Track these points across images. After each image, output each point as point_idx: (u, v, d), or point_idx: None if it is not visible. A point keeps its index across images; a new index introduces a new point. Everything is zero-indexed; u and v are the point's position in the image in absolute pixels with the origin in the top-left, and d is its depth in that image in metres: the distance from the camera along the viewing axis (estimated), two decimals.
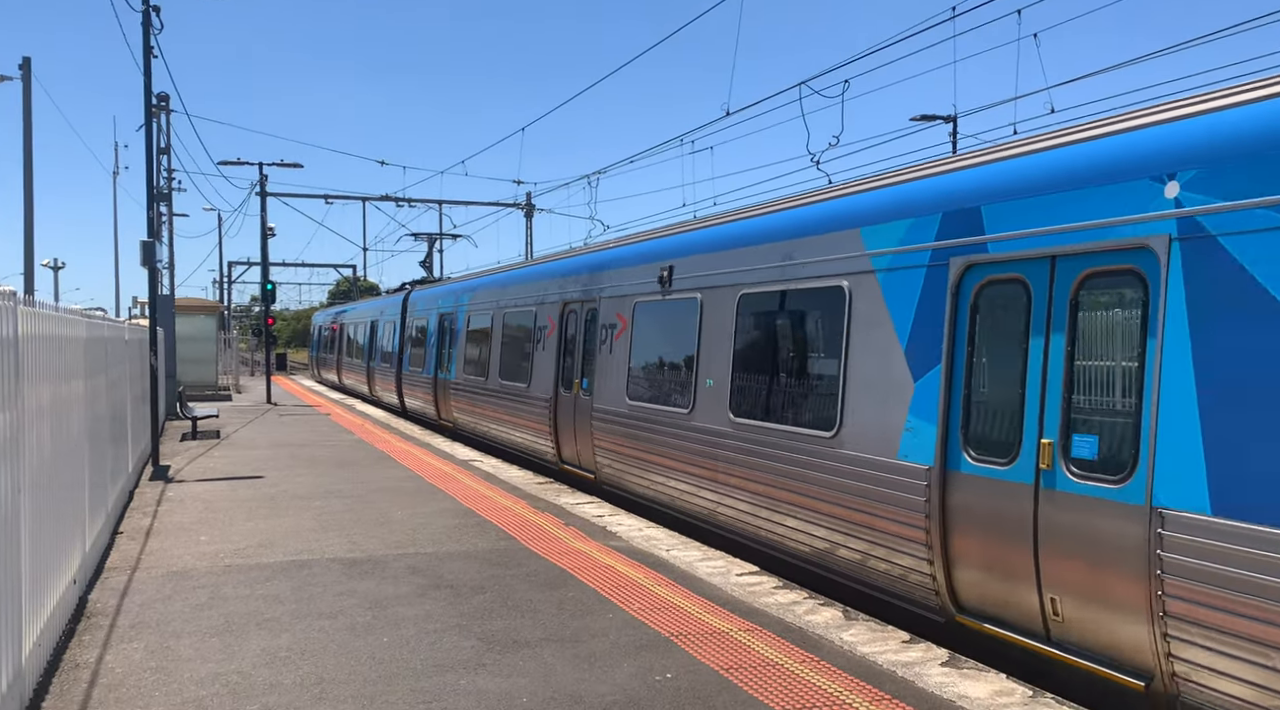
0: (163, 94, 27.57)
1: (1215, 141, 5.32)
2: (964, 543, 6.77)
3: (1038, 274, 6.35)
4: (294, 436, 20.50)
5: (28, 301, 5.96)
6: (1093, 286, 6.02)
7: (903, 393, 7.42)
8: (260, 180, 34.74)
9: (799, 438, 8.63)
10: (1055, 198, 6.25)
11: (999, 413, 6.60)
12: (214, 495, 12.88)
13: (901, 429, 7.39)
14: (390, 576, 8.43)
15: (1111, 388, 5.86)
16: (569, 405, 14.25)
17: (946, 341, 7.03)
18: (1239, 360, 5.08)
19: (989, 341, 6.77)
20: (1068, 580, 5.95)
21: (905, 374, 7.44)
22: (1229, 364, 5.12)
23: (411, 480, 14.13)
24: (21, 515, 5.53)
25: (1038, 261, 6.36)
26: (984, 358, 6.81)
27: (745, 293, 9.82)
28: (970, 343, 6.89)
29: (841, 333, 8.25)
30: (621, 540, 9.90)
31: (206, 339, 33.98)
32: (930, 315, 7.25)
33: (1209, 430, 5.16)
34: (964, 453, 6.81)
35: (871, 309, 7.91)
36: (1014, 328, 6.54)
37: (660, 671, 6.00)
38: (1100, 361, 5.96)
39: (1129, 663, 5.62)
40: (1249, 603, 4.86)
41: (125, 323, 13.97)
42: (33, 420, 5.99)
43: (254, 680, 5.89)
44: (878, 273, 7.91)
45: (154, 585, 8.21)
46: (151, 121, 16.92)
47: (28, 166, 25.12)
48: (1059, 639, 6.07)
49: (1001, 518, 6.44)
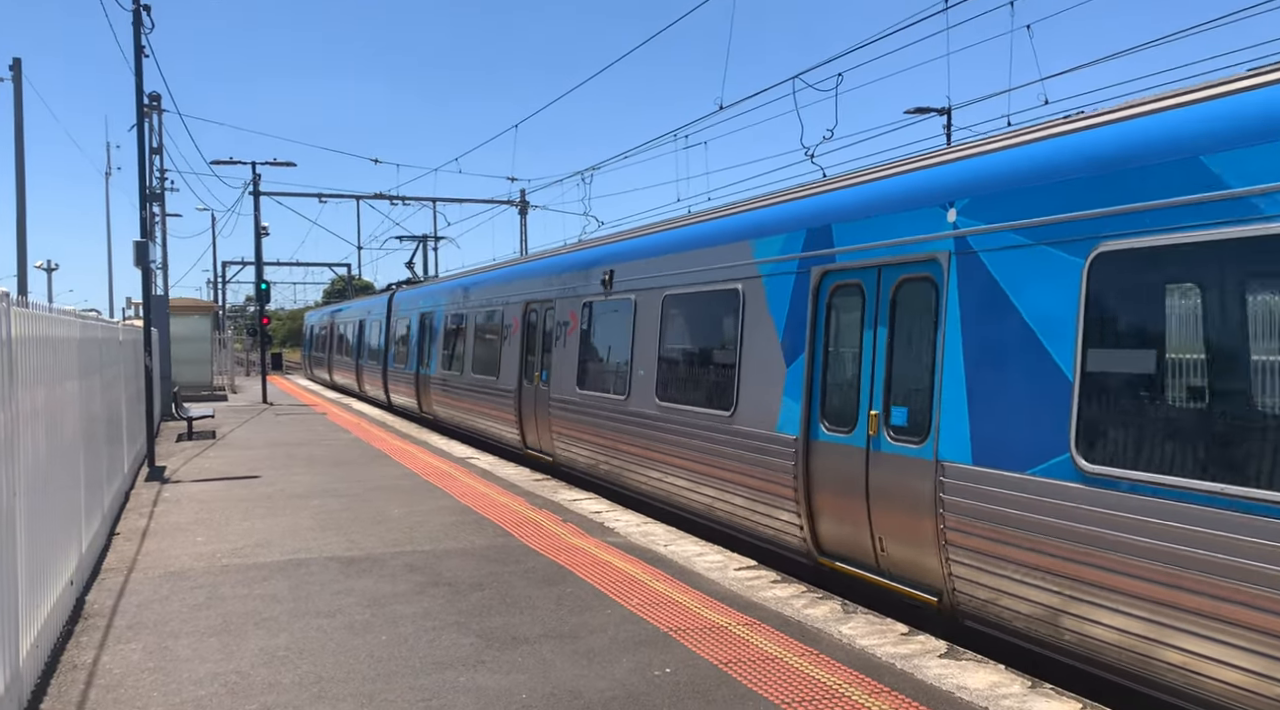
0: (154, 93, 27.46)
1: (978, 178, 6.94)
2: (822, 498, 8.43)
3: (870, 280, 8.00)
4: (290, 436, 20.47)
5: (21, 302, 5.94)
6: (904, 290, 7.63)
7: (779, 377, 9.09)
8: (253, 179, 34.68)
9: (707, 417, 10.25)
10: (880, 219, 7.88)
11: (844, 391, 8.28)
12: (210, 495, 12.86)
13: (779, 407, 9.02)
14: (388, 574, 8.43)
15: (915, 369, 7.47)
16: (531, 395, 15.86)
17: (809, 335, 8.69)
18: (989, 348, 6.69)
19: (837, 335, 8.46)
20: (888, 523, 7.59)
21: (780, 362, 9.09)
22: (982, 351, 6.73)
23: (408, 478, 14.12)
24: (17, 517, 5.51)
25: (870, 270, 8.00)
26: (833, 347, 8.51)
27: (668, 294, 11.46)
28: (825, 336, 8.58)
29: (737, 328, 9.82)
30: (619, 536, 9.90)
31: (201, 339, 33.93)
32: (798, 313, 8.89)
33: (971, 401, 6.78)
34: (821, 424, 8.47)
35: (758, 308, 9.53)
36: (853, 323, 8.21)
37: (659, 666, 6.00)
38: (908, 349, 7.61)
39: (927, 584, 7.25)
40: (998, 530, 6.43)
41: (119, 323, 13.93)
42: (27, 422, 5.97)
43: (252, 680, 5.88)
44: (763, 278, 9.49)
45: (151, 586, 8.19)
46: (143, 121, 16.85)
47: (19, 167, 25.02)
48: (885, 570, 7.73)
49: (846, 476, 8.08)
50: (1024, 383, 6.37)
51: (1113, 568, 5.64)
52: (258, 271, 34.74)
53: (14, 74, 25.21)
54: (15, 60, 25.21)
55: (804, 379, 8.69)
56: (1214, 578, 5.07)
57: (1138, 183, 5.71)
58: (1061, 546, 5.94)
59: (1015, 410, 6.41)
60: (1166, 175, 5.55)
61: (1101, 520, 5.71)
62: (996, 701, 5.33)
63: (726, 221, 10.46)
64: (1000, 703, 5.31)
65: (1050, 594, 6.05)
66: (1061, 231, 6.20)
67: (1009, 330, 6.53)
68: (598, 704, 5.41)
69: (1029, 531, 6.18)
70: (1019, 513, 6.27)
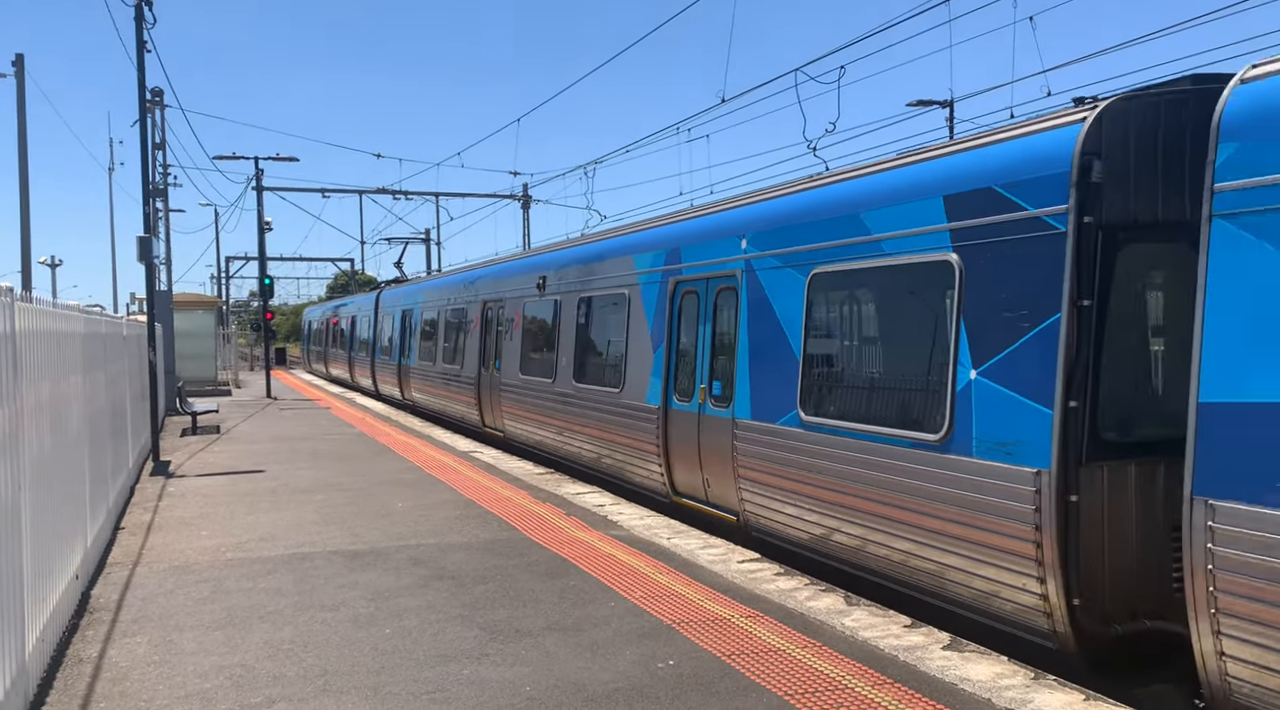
0: (157, 89, 27.45)
1: (756, 219, 9.77)
2: (674, 451, 11.16)
3: (703, 287, 10.74)
4: (294, 430, 20.51)
5: (25, 298, 5.96)
6: (720, 296, 10.37)
7: (649, 361, 11.82)
8: (256, 174, 34.67)
9: (604, 394, 12.96)
10: (707, 244, 10.65)
11: (687, 371, 11.01)
12: (215, 490, 12.90)
13: (648, 384, 11.76)
14: (392, 568, 8.45)
15: (725, 354, 10.23)
16: (487, 381, 18.64)
17: (667, 328, 11.44)
18: (759, 339, 9.45)
19: (683, 328, 11.20)
20: (710, 466, 10.34)
21: (650, 349, 11.81)
22: (756, 340, 9.50)
23: (412, 472, 14.15)
24: (22, 511, 5.53)
25: (702, 280, 10.74)
26: (681, 338, 11.23)
27: (582, 296, 14.14)
28: (677, 329, 11.31)
29: (625, 324, 12.51)
30: (622, 529, 9.91)
31: (205, 334, 33.96)
32: (661, 312, 11.63)
33: (752, 376, 9.54)
34: (674, 397, 11.21)
35: (637, 308, 12.23)
36: (692, 320, 10.97)
37: (663, 659, 6.01)
38: (721, 339, 10.34)
39: (731, 508, 9.98)
40: (763, 464, 9.20)
41: (123, 319, 13.96)
42: (32, 416, 5.99)
43: (257, 672, 5.90)
44: (640, 285, 12.22)
45: (156, 580, 8.22)
46: (146, 116, 16.87)
47: (23, 163, 25.06)
48: (710, 501, 10.46)
49: (687, 435, 10.83)
50: (776, 363, 9.17)
51: (820, 484, 8.35)
52: (261, 267, 34.77)
53: (16, 70, 25.23)
54: (18, 56, 25.24)
55: (664, 362, 11.50)
56: (869, 487, 7.73)
57: (833, 227, 8.47)
58: (795, 472, 8.70)
59: (772, 382, 9.22)
60: (846, 224, 8.31)
61: (813, 453, 8.44)
62: (999, 693, 5.34)
63: (621, 240, 13.25)
64: (1003, 694, 5.32)
65: (792, 506, 8.76)
66: (796, 258, 8.96)
67: (769, 326, 9.31)
68: (601, 696, 5.43)
69: (780, 463, 8.95)
70: (773, 451, 9.06)
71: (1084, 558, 6.05)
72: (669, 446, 11.19)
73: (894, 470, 7.42)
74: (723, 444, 9.92)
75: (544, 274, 15.75)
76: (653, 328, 11.75)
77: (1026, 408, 6.33)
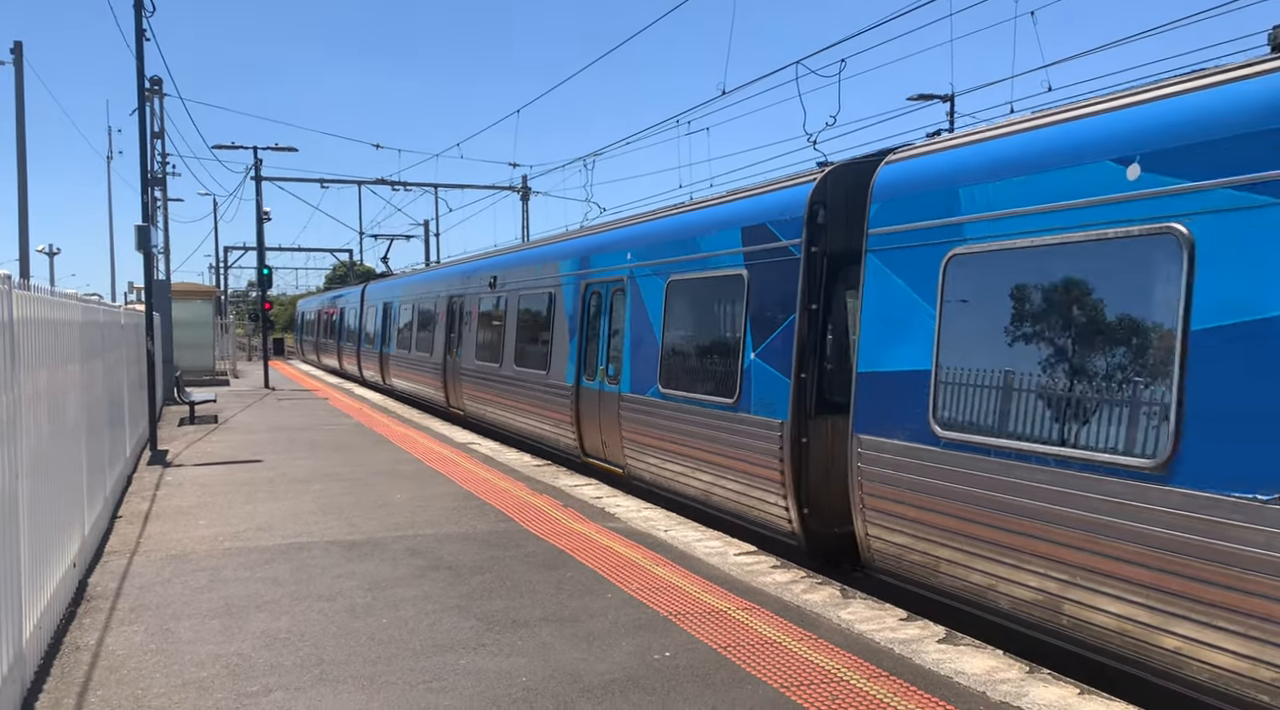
0: (155, 78, 27.38)
1: (637, 237, 12.45)
2: (583, 420, 13.86)
3: (605, 289, 13.39)
4: (292, 421, 20.50)
5: (23, 286, 5.95)
6: (615, 296, 12.98)
7: (568, 348, 14.45)
8: (255, 164, 34.61)
9: (535, 376, 15.77)
10: (607, 254, 13.41)
11: (593, 355, 13.60)
12: (212, 479, 12.90)
13: (567, 367, 14.45)
14: (389, 558, 8.46)
15: (617, 341, 12.69)
16: (451, 367, 21.35)
17: (580, 322, 14.08)
18: (636, 330, 12.06)
19: (590, 322, 13.83)
20: (606, 431, 12.94)
21: (568, 338, 14.45)
22: (635, 331, 12.07)
23: (410, 463, 14.15)
24: (20, 499, 5.53)
25: (605, 283, 13.34)
26: (589, 329, 13.86)
27: (521, 293, 16.86)
28: (586, 322, 13.98)
29: (551, 317, 15.28)
30: (620, 521, 9.93)
31: (203, 324, 33.94)
32: (575, 309, 14.31)
33: (632, 359, 12.11)
34: (584, 377, 13.85)
35: (560, 305, 14.95)
36: (596, 315, 13.65)
37: (659, 650, 6.02)
38: (616, 330, 12.82)
39: (621, 464, 12.56)
40: (638, 427, 11.81)
41: (121, 308, 13.94)
42: (29, 404, 5.99)
43: (254, 661, 5.91)
44: (563, 286, 14.93)
45: (153, 568, 8.23)
46: (145, 105, 16.81)
47: (21, 151, 24.99)
48: (608, 459, 13.03)
49: (591, 407, 13.55)
50: (647, 349, 11.80)
51: (670, 439, 11.07)
52: (259, 257, 34.72)
53: (15, 57, 25.15)
54: (16, 43, 25.15)
55: (577, 349, 14.08)
56: (697, 439, 10.42)
57: (681, 247, 11.17)
58: (655, 432, 11.44)
59: (644, 363, 11.85)
60: (689, 244, 11.02)
61: (666, 416, 11.15)
62: (994, 686, 5.35)
63: (552, 247, 16.22)
64: (998, 687, 5.33)
65: (655, 458, 11.47)
66: (660, 269, 11.67)
67: (644, 321, 11.97)
68: (597, 687, 5.44)
69: (648, 426, 11.62)
70: (644, 416, 11.78)
71: (810, 481, 8.86)
72: (579, 416, 14.05)
73: (709, 426, 10.26)
74: (613, 413, 12.74)
75: (495, 274, 18.62)
76: (570, 321, 14.49)
77: (778, 379, 9.15)
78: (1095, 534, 5.79)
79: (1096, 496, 5.81)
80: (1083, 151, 6.13)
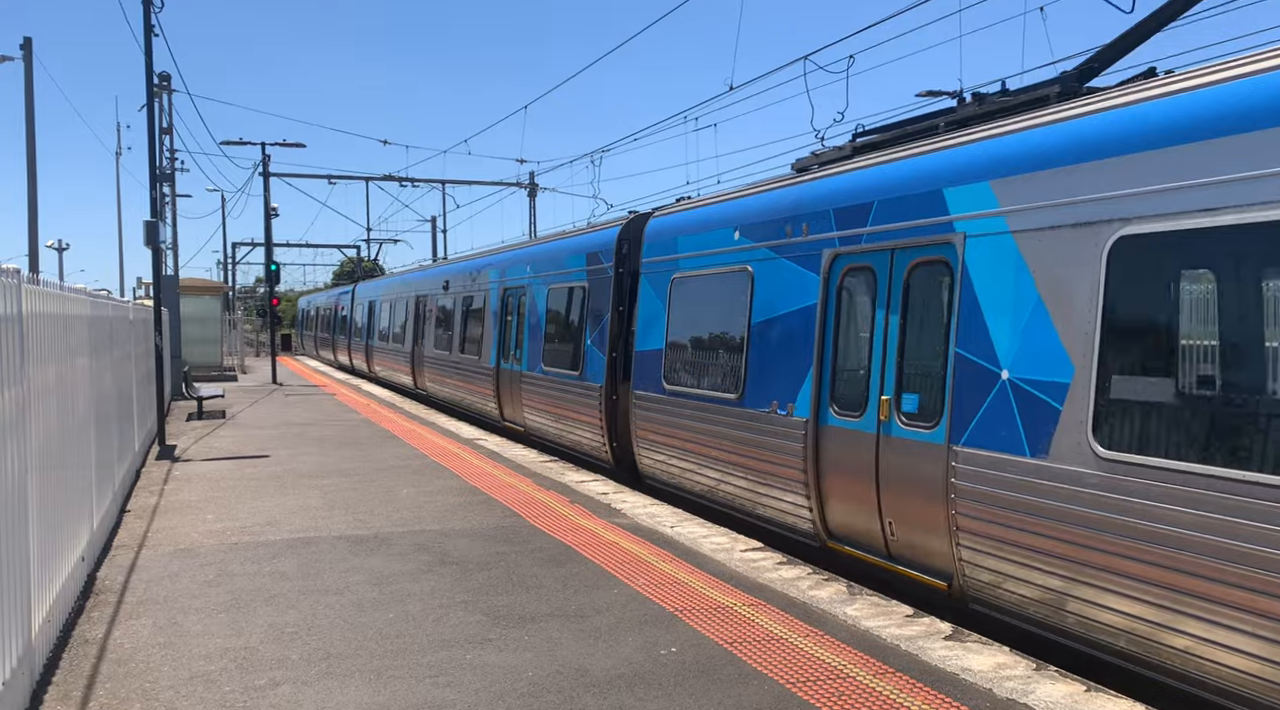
0: (164, 73, 27.48)
1: (535, 255, 17.33)
2: (502, 394, 18.06)
3: (516, 294, 17.76)
4: (299, 416, 20.55)
5: (32, 280, 5.97)
6: (522, 298, 17.39)
7: (492, 337, 18.82)
8: (263, 160, 34.66)
9: (474, 363, 20.06)
10: (512, 268, 18.30)
11: (510, 342, 17.73)
12: (220, 474, 12.94)
13: (491, 351, 18.84)
14: (396, 553, 8.48)
15: (519, 332, 17.23)
16: (418, 355, 26.01)
17: (500, 317, 18.48)
18: (530, 324, 16.82)
19: (506, 317, 18.13)
20: (515, 400, 17.31)
21: (494, 330, 18.90)
22: (530, 324, 16.76)
23: (417, 458, 14.18)
24: (29, 493, 5.56)
25: (518, 289, 17.71)
26: (506, 322, 18.22)
27: (462, 295, 21.70)
28: (503, 318, 18.30)
29: (483, 314, 19.82)
30: (626, 517, 9.93)
31: (211, 319, 34.00)
32: (497, 307, 18.79)
33: (529, 345, 16.70)
34: (503, 360, 18.07)
35: (488, 304, 19.48)
36: (511, 312, 17.92)
37: (665, 646, 6.03)
38: (520, 323, 17.28)
39: (523, 424, 17.19)
40: (532, 396, 16.61)
41: (130, 303, 13.97)
42: (38, 399, 6.01)
43: (261, 655, 5.93)
44: (490, 290, 19.46)
45: (161, 562, 8.26)
46: (153, 101, 16.87)
47: (30, 147, 25.06)
48: (518, 423, 17.35)
49: (508, 383, 17.88)
50: (532, 336, 16.33)
51: (545, 403, 15.44)
52: (267, 252, 34.79)
53: (25, 53, 25.22)
54: (26, 39, 25.22)
55: (497, 338, 18.60)
56: (554, 396, 15.03)
57: (553, 262, 16.04)
58: (538, 398, 15.87)
59: (532, 348, 16.43)
60: (556, 261, 15.89)
61: (546, 388, 15.52)
62: (1000, 683, 5.35)
63: (485, 259, 20.93)
64: (1004, 684, 5.33)
65: (538, 415, 15.28)
66: (544, 279, 16.20)
67: (534, 316, 16.49)
68: (604, 682, 5.45)
69: (535, 394, 16.17)
70: (532, 386, 16.31)
71: (616, 424, 13.31)
72: (499, 390, 18.40)
73: (564, 390, 14.81)
74: (518, 386, 17.17)
75: (447, 278, 23.50)
76: (495, 317, 18.99)
77: (600, 356, 13.60)
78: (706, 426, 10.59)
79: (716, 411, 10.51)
80: (723, 222, 10.61)
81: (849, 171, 8.72)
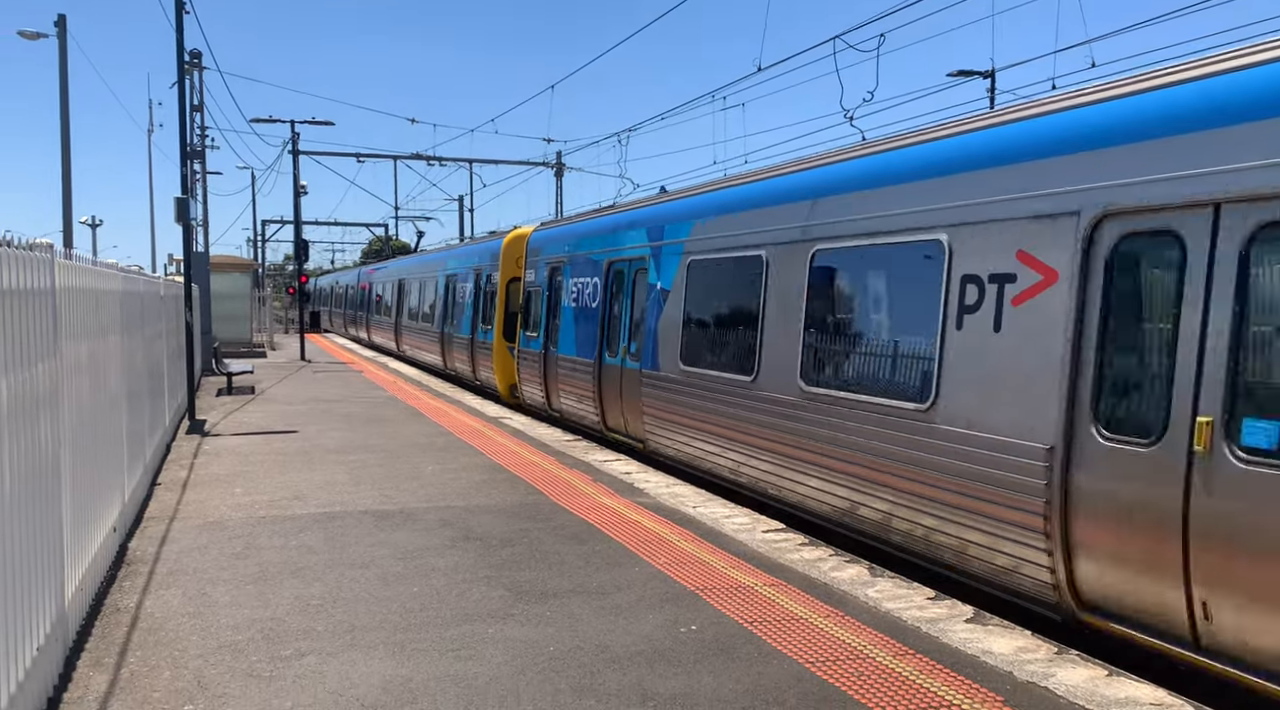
0: (195, 51, 27.61)
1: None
2: (475, 358, 22.89)
3: (483, 277, 22.55)
4: (327, 392, 20.74)
5: (65, 255, 6.05)
6: (483, 281, 22.55)
7: (468, 314, 23.28)
8: (292, 138, 34.83)
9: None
10: (459, 260, 25.23)
11: (483, 322, 22.02)
12: (249, 449, 13.10)
13: (465, 325, 23.47)
14: (421, 528, 8.57)
15: (484, 309, 22.24)
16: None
17: (474, 297, 22.90)
18: (484, 303, 22.23)
19: (478, 297, 22.78)
20: (481, 362, 22.45)
21: (470, 307, 23.20)
22: (483, 304, 22.37)
23: (442, 436, 14.29)
24: (63, 465, 5.66)
25: (483, 273, 22.55)
26: (479, 303, 22.69)
27: (446, 276, 25.76)
28: (477, 298, 22.78)
29: (463, 293, 23.86)
30: (649, 497, 9.97)
31: (241, 296, 34.32)
32: (471, 289, 23.30)
33: (482, 320, 22.76)
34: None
35: (456, 288, 24.72)
36: (483, 294, 22.34)
37: (686, 623, 6.07)
38: (485, 303, 22.19)
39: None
40: (485, 358, 22.38)
41: (161, 279, 14.13)
42: (72, 373, 6.11)
43: (288, 626, 6.03)
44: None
45: (191, 535, 8.40)
46: (184, 78, 16.97)
47: (64, 124, 25.33)
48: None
49: (479, 349, 22.44)
50: (486, 314, 21.95)
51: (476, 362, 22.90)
52: (296, 230, 35.02)
53: (59, 30, 25.45)
54: (60, 17, 25.44)
55: (472, 314, 22.60)
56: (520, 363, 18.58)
57: (472, 260, 24.02)
58: (499, 361, 20.88)
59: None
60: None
61: (478, 349, 22.55)
62: (1021, 666, 5.35)
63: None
64: (1025, 667, 5.32)
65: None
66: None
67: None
68: (624, 658, 5.50)
69: (494, 358, 21.14)
70: (487, 352, 21.73)
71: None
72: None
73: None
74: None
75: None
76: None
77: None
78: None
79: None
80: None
81: None
